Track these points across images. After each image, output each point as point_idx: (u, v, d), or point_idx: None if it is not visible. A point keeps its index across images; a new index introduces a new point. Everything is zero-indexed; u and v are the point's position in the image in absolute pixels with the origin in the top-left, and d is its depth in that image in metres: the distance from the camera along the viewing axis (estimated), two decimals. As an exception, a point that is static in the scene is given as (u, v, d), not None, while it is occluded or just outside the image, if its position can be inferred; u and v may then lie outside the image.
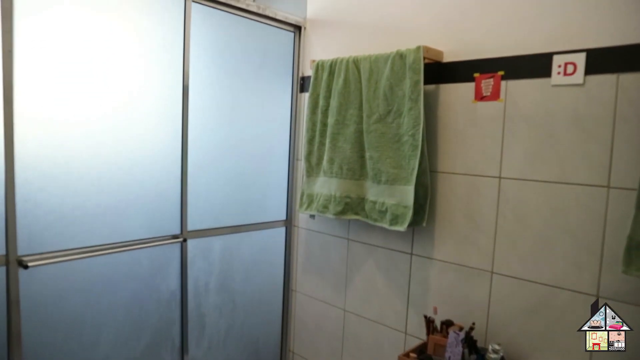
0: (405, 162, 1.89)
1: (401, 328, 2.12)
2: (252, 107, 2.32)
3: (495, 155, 1.77)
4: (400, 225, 1.88)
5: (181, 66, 2.00)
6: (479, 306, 1.84)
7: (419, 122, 1.82)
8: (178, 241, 2.05)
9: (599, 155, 1.52)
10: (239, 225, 2.33)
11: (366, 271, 2.25)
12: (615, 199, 1.50)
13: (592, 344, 1.36)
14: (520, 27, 1.69)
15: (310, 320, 2.56)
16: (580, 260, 1.58)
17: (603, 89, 1.50)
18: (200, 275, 2.18)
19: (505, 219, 1.76)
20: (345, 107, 2.08)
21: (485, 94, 1.78)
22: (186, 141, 2.04)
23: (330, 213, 2.13)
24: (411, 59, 1.82)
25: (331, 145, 2.13)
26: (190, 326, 2.16)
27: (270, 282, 2.54)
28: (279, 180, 2.51)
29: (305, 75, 2.48)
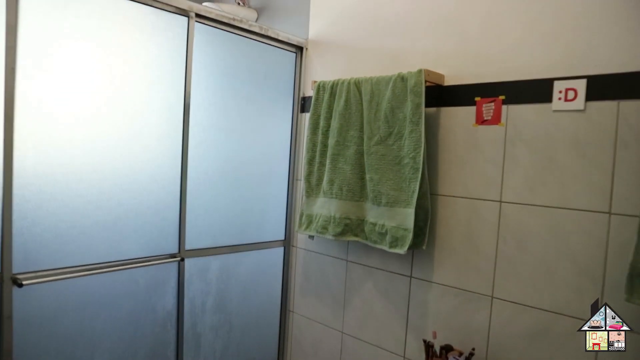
0: (406, 185, 1.88)
1: (400, 352, 2.09)
2: (252, 126, 2.32)
3: (495, 179, 1.77)
4: (400, 248, 1.87)
5: (183, 85, 2.00)
6: (479, 331, 1.82)
7: (420, 144, 1.82)
8: (175, 260, 2.03)
9: (600, 181, 1.52)
10: (237, 245, 2.31)
11: (365, 293, 2.23)
12: (617, 225, 1.49)
13: (592, 344, 1.34)
14: (521, 52, 1.70)
15: (307, 342, 2.52)
16: (581, 286, 1.57)
17: (604, 115, 1.51)
18: (197, 295, 2.16)
19: (505, 243, 1.75)
20: (346, 128, 2.08)
21: (486, 118, 1.79)
22: (186, 160, 2.03)
23: (330, 234, 2.12)
24: (413, 82, 1.83)
25: (331, 166, 2.13)
26: (186, 347, 2.12)
27: (267, 303, 2.51)
28: (278, 200, 2.50)
29: (306, 96, 2.49)
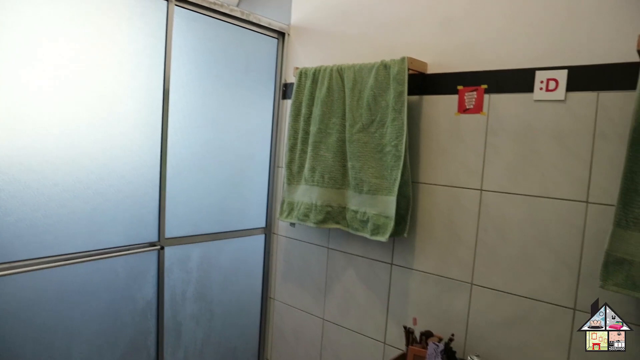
0: (388, 173, 1.88)
1: (380, 338, 2.11)
2: (233, 112, 2.29)
3: (477, 167, 1.78)
4: (382, 236, 1.87)
5: (162, 70, 1.96)
6: (459, 318, 1.85)
7: (402, 132, 1.82)
8: (155, 249, 2.00)
9: (578, 171, 1.55)
10: (218, 233, 2.29)
11: (346, 281, 2.24)
12: (594, 214, 1.52)
13: (592, 344, 1.34)
14: (504, 41, 1.70)
15: (288, 329, 2.53)
16: (558, 273, 1.60)
17: (584, 106, 1.53)
18: (177, 284, 2.14)
19: (485, 231, 1.77)
20: (328, 115, 2.07)
21: (469, 107, 1.79)
22: (165, 147, 2.00)
23: (311, 222, 2.11)
24: (395, 70, 1.82)
25: (313, 154, 2.12)
26: (166, 336, 2.11)
27: (248, 291, 2.51)
28: (259, 187, 2.49)
29: (288, 82, 2.46)
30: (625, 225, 1.36)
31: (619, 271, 1.38)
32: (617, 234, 1.37)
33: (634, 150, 1.33)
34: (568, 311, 1.58)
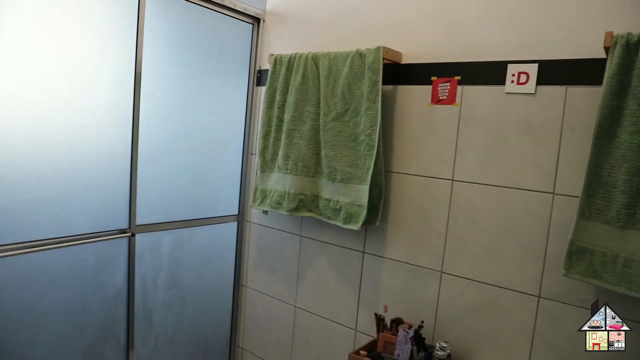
0: (361, 162, 1.89)
1: (352, 325, 2.14)
2: (206, 98, 2.26)
3: (449, 158, 1.81)
4: (354, 224, 1.89)
5: (134, 53, 1.91)
6: (428, 305, 1.89)
7: (376, 122, 1.83)
8: (126, 236, 1.97)
9: (546, 163, 1.59)
10: (190, 220, 2.27)
11: (318, 268, 2.25)
12: (560, 205, 1.57)
13: (592, 344, 1.33)
14: (478, 34, 1.73)
15: (260, 316, 2.54)
16: (524, 262, 1.65)
17: (552, 99, 1.56)
18: (148, 271, 2.11)
19: (456, 220, 1.80)
20: (302, 103, 2.06)
21: (442, 98, 1.81)
22: (137, 132, 1.96)
23: (284, 209, 2.11)
24: (370, 59, 1.83)
25: (287, 142, 2.11)
26: (137, 324, 2.09)
27: (220, 278, 2.50)
28: (232, 174, 2.47)
29: (263, 69, 2.44)
30: (589, 216, 1.41)
31: (581, 260, 1.43)
32: (581, 225, 1.42)
33: (599, 144, 1.38)
34: (533, 298, 1.64)
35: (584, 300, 1.53)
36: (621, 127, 1.34)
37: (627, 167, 1.33)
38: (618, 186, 1.36)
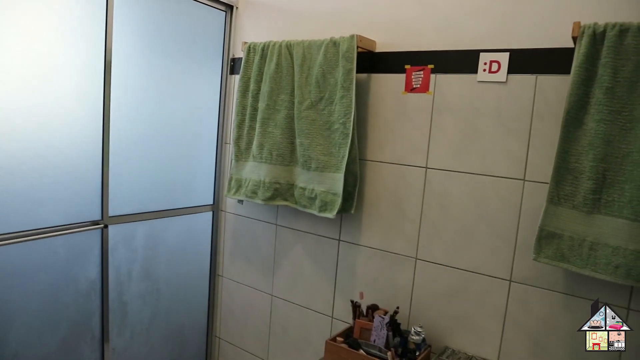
0: (336, 150, 1.90)
1: (328, 312, 2.16)
2: (179, 87, 2.22)
3: (422, 146, 1.83)
4: (330, 212, 1.90)
5: (103, 41, 1.86)
6: (403, 291, 1.92)
7: (350, 110, 1.83)
8: (98, 227, 1.94)
9: (517, 150, 1.62)
10: (164, 210, 2.24)
11: (294, 257, 2.26)
12: (530, 191, 1.61)
13: (592, 344, 1.33)
14: (451, 23, 1.74)
15: (237, 306, 2.54)
16: (496, 247, 1.69)
17: (523, 88, 1.59)
18: (123, 263, 2.09)
19: (430, 207, 1.83)
20: (276, 92, 2.05)
21: (415, 86, 1.83)
22: (108, 121, 1.92)
23: (259, 199, 2.11)
24: (345, 47, 1.82)
25: (261, 130, 2.10)
26: (112, 316, 2.07)
27: (196, 268, 2.49)
28: (206, 163, 2.45)
29: (236, 57, 2.41)
30: (557, 202, 1.45)
31: (550, 244, 1.47)
32: (550, 210, 1.46)
33: (567, 132, 1.41)
34: (504, 282, 1.68)
35: (552, 283, 1.58)
36: (588, 115, 1.38)
37: (593, 154, 1.37)
38: (585, 172, 1.40)
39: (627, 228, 1.34)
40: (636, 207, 1.32)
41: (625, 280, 1.33)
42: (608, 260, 1.36)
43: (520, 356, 1.67)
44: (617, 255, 1.35)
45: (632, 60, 1.31)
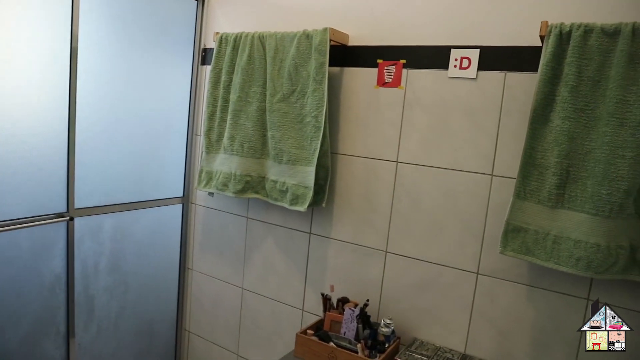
0: (307, 143, 1.90)
1: (299, 305, 2.16)
2: (149, 77, 2.18)
3: (393, 140, 1.85)
4: (301, 206, 1.90)
5: (69, 26, 1.80)
6: (373, 284, 1.94)
7: (323, 103, 1.83)
8: (64, 220, 1.89)
9: (486, 146, 1.65)
10: (133, 203, 2.20)
11: (265, 250, 2.26)
12: (497, 186, 1.64)
13: (592, 344, 1.33)
14: (423, 18, 1.75)
15: (207, 299, 2.52)
16: (465, 241, 1.72)
17: (492, 84, 1.62)
18: (89, 256, 2.04)
19: (400, 201, 1.85)
20: (248, 83, 2.03)
21: (387, 81, 1.84)
22: (74, 110, 1.86)
23: (230, 191, 2.09)
24: (317, 40, 1.82)
25: (232, 122, 2.08)
26: (77, 310, 2.02)
27: (165, 261, 2.45)
28: (176, 155, 2.41)
29: (208, 47, 2.37)
30: (523, 197, 1.49)
31: (516, 238, 1.51)
32: (516, 205, 1.50)
33: (533, 128, 1.45)
34: (472, 275, 1.72)
35: (518, 275, 1.63)
36: (554, 112, 1.42)
37: (558, 150, 1.41)
38: (550, 168, 1.44)
39: (588, 222, 1.39)
40: (597, 202, 1.36)
41: (586, 272, 1.38)
42: (570, 253, 1.41)
43: (486, 346, 1.71)
44: (579, 248, 1.39)
45: (595, 60, 1.35)
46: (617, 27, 1.31)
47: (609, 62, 1.34)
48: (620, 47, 1.31)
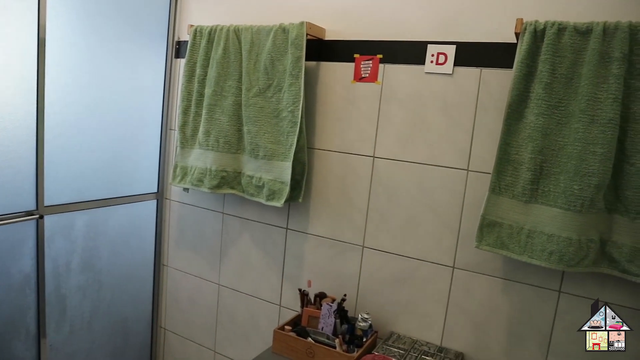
0: (284, 138, 1.88)
1: (276, 301, 2.16)
2: (121, 70, 2.12)
3: (370, 135, 1.85)
4: (277, 201, 1.89)
5: (36, 16, 1.73)
6: (350, 279, 1.95)
7: (299, 98, 1.82)
8: (33, 218, 1.83)
9: (462, 141, 1.67)
10: (106, 199, 2.15)
11: (241, 246, 2.24)
12: (473, 181, 1.66)
13: (592, 344, 1.32)
14: (400, 13, 1.75)
15: (182, 295, 2.49)
16: (441, 235, 1.74)
17: (468, 80, 1.63)
18: (60, 255, 1.99)
19: (377, 196, 1.86)
20: (223, 77, 2.00)
21: (364, 75, 1.84)
22: (42, 104, 1.80)
23: (206, 187, 2.07)
24: (294, 34, 1.80)
25: (208, 117, 2.05)
26: (49, 310, 1.97)
27: (140, 258, 2.41)
28: (150, 150, 2.36)
29: (182, 40, 2.33)
30: (498, 192, 1.51)
31: (491, 232, 1.53)
32: (492, 200, 1.52)
33: (508, 124, 1.47)
34: (447, 269, 1.74)
35: (492, 269, 1.65)
36: (528, 109, 1.44)
37: (532, 146, 1.43)
38: (524, 164, 1.46)
39: (560, 216, 1.42)
40: (569, 197, 1.39)
41: (558, 265, 1.41)
42: (543, 247, 1.44)
43: (462, 338, 1.74)
44: (552, 242, 1.42)
45: (568, 57, 1.37)
46: (589, 26, 1.34)
47: (581, 60, 1.36)
48: (592, 46, 1.33)
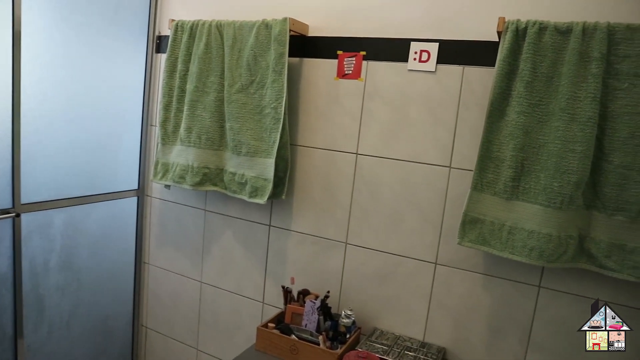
0: (267, 135, 1.87)
1: (259, 298, 2.15)
2: (101, 65, 2.08)
3: (353, 132, 1.85)
4: (260, 198, 1.88)
5: (10, 8, 1.68)
6: (334, 275, 1.95)
7: (282, 94, 1.81)
8: (9, 216, 1.79)
9: (444, 138, 1.68)
10: (85, 196, 2.11)
11: (224, 243, 2.22)
12: (455, 178, 1.68)
13: (592, 344, 1.32)
14: (384, 10, 1.75)
15: (164, 293, 2.46)
16: (424, 232, 1.75)
17: (451, 78, 1.64)
18: (38, 254, 1.95)
19: (360, 193, 1.86)
20: (205, 73, 1.97)
21: (347, 72, 1.83)
22: (18, 98, 1.76)
23: (187, 184, 2.04)
24: (277, 30, 1.79)
25: (189, 113, 2.02)
26: (26, 311, 1.93)
27: (120, 256, 2.38)
28: (130, 147, 2.32)
29: (163, 35, 2.29)
30: (480, 189, 1.53)
31: (473, 229, 1.55)
32: (474, 197, 1.53)
33: (490, 122, 1.48)
34: (430, 265, 1.75)
35: (474, 265, 1.67)
36: (510, 107, 1.45)
37: (513, 143, 1.45)
38: (506, 161, 1.48)
39: (541, 213, 1.44)
40: (549, 194, 1.41)
41: (538, 261, 1.43)
42: (524, 243, 1.46)
43: (444, 334, 1.76)
44: (532, 238, 1.44)
45: (549, 56, 1.39)
46: (569, 26, 1.36)
47: (562, 59, 1.38)
48: (572, 45, 1.35)
